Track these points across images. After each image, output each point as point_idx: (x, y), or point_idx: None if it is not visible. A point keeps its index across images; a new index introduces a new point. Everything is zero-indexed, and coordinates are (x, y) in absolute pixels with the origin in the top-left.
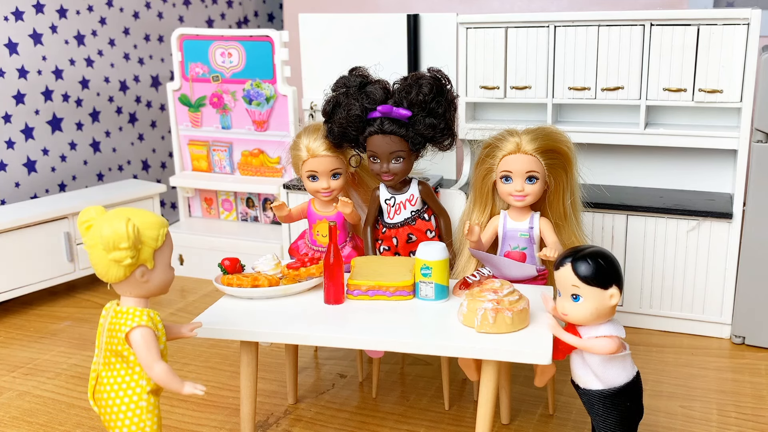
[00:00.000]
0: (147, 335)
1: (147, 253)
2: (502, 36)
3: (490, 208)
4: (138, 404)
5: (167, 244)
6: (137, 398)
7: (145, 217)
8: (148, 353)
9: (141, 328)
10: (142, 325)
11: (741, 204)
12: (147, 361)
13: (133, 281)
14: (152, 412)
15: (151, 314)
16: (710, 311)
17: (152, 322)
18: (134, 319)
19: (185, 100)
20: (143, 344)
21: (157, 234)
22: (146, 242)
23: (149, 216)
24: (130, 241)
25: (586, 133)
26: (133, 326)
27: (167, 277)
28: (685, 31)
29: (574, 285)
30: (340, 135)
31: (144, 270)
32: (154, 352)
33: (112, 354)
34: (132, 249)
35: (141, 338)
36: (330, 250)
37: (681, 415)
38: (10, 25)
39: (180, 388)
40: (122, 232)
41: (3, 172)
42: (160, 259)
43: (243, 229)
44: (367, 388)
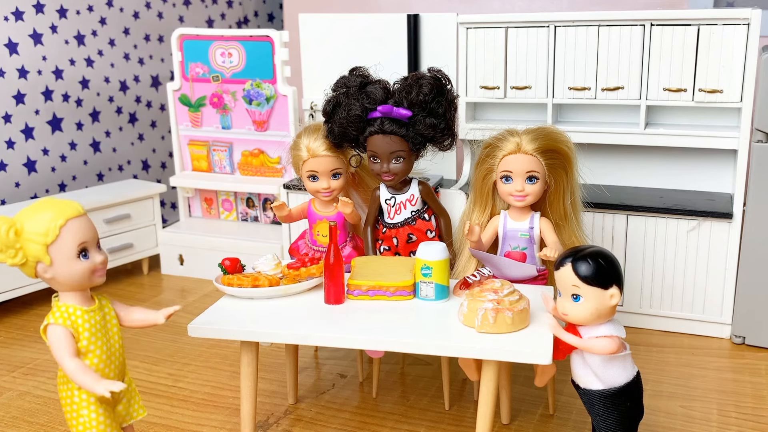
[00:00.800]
0: (54, 332)
1: (36, 249)
2: (502, 36)
3: (491, 208)
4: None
5: (66, 236)
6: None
7: (37, 212)
8: (56, 351)
9: (50, 326)
10: (52, 323)
11: (741, 204)
12: (57, 359)
13: (44, 277)
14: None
15: (70, 311)
16: (710, 311)
17: (67, 320)
18: (50, 316)
19: (185, 100)
20: (52, 342)
21: (46, 229)
22: (31, 239)
23: (43, 209)
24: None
25: (586, 133)
26: (45, 324)
27: (74, 269)
28: (685, 31)
29: (575, 285)
30: (341, 135)
31: (44, 267)
32: (62, 349)
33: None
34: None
35: (50, 336)
36: (330, 250)
37: (681, 415)
38: (10, 25)
39: (93, 386)
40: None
41: (3, 172)
42: (59, 253)
43: (243, 229)
44: (367, 388)
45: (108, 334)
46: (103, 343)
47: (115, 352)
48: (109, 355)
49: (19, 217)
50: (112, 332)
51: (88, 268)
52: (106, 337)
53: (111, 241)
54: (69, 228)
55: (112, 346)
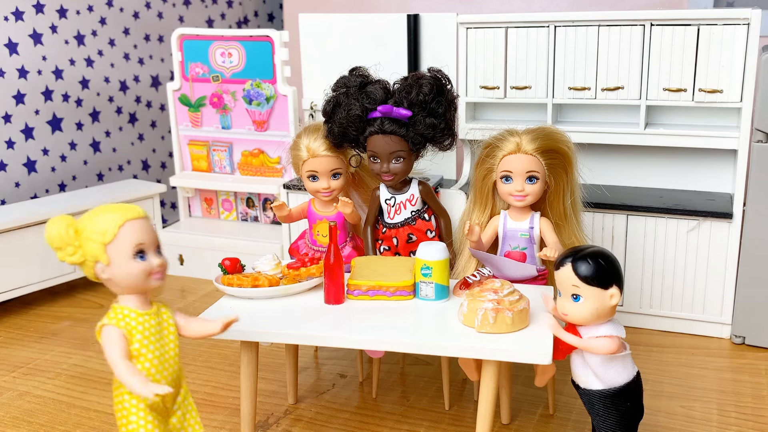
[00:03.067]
0: (107, 333)
1: (94, 248)
2: (502, 36)
3: (491, 208)
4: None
5: (125, 236)
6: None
7: (101, 213)
8: (107, 352)
9: (105, 327)
10: (105, 324)
11: (741, 204)
12: (109, 360)
13: (100, 278)
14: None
15: (125, 312)
16: (710, 311)
17: (121, 321)
18: (104, 318)
19: (185, 100)
20: (104, 343)
21: (105, 228)
22: (90, 237)
23: (106, 210)
24: (57, 241)
25: (586, 133)
26: (100, 324)
27: (131, 270)
28: (685, 31)
29: (575, 285)
30: (341, 135)
31: (102, 266)
32: (113, 351)
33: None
34: (66, 248)
35: (103, 337)
36: (330, 250)
37: (681, 415)
38: (10, 25)
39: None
40: (50, 233)
41: (3, 172)
42: (117, 253)
43: (243, 229)
44: (367, 388)
45: (163, 341)
46: (156, 348)
47: (168, 360)
48: (162, 362)
49: (82, 218)
50: (168, 339)
51: (144, 269)
52: (160, 343)
53: None
54: (127, 228)
55: (166, 353)
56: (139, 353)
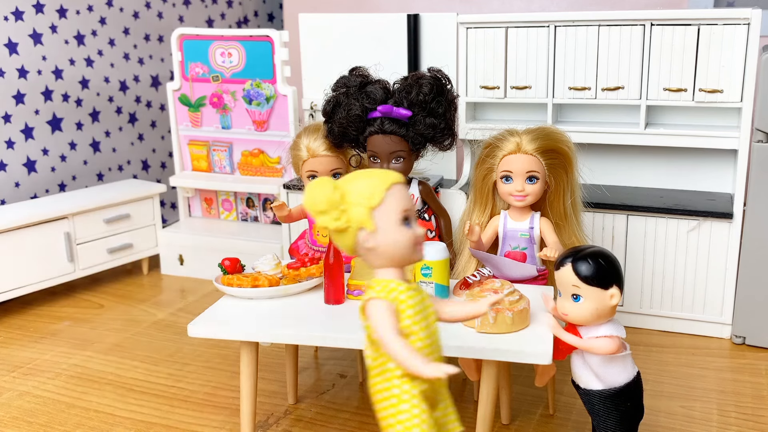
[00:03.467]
0: (378, 307)
1: (360, 213)
2: (502, 36)
3: (491, 208)
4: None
5: (392, 202)
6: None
7: (364, 177)
8: (380, 327)
9: (373, 299)
10: (373, 297)
11: (741, 204)
12: (380, 336)
13: (362, 249)
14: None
15: (392, 285)
16: (710, 311)
17: (386, 293)
18: (369, 291)
19: (185, 100)
20: (374, 317)
21: (371, 192)
22: (355, 201)
23: (371, 174)
24: (323, 203)
25: (586, 133)
26: (366, 299)
27: (399, 237)
28: (685, 31)
29: (575, 285)
30: (341, 135)
31: (365, 234)
32: (386, 325)
33: (370, 343)
34: (331, 211)
35: (372, 311)
36: (330, 250)
37: (681, 416)
38: (10, 25)
39: (420, 370)
40: (317, 195)
41: (3, 172)
42: (384, 218)
43: (243, 229)
44: (367, 389)
45: (428, 320)
46: (425, 326)
47: (436, 341)
48: (432, 342)
49: (341, 182)
50: (431, 319)
51: (412, 236)
52: (427, 322)
53: (111, 241)
54: (393, 192)
55: (433, 333)
56: (410, 331)
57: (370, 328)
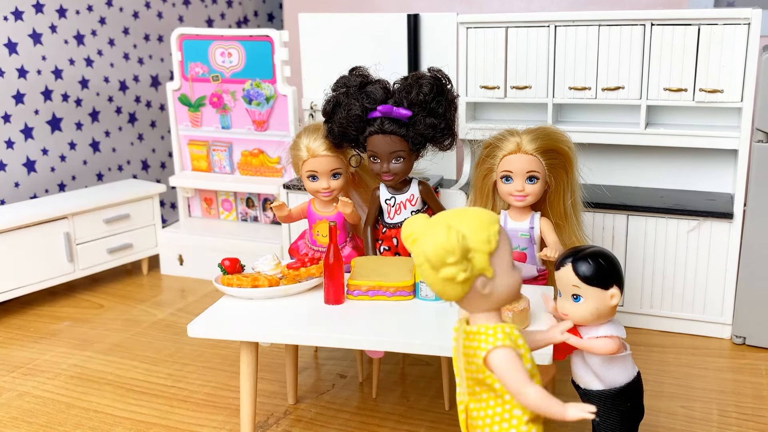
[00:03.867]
0: (508, 357)
1: (481, 260)
2: (502, 36)
3: (491, 208)
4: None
5: (503, 242)
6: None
7: (470, 218)
8: (514, 377)
9: (498, 349)
10: (499, 346)
11: (741, 204)
12: (515, 387)
13: (476, 295)
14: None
15: (506, 330)
16: (711, 311)
17: (510, 339)
18: (488, 339)
19: (185, 100)
20: (506, 368)
21: (488, 235)
22: (477, 248)
23: (475, 215)
24: (457, 254)
25: (586, 133)
26: (489, 349)
27: (512, 280)
28: (685, 31)
29: (575, 285)
30: (341, 135)
31: (484, 280)
32: (520, 375)
33: (475, 383)
34: (462, 261)
35: (502, 362)
36: (330, 250)
37: (681, 416)
38: (10, 25)
39: (562, 412)
40: (447, 245)
41: (3, 172)
42: (500, 263)
43: (243, 229)
44: (367, 389)
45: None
46: (534, 363)
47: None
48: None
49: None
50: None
51: (520, 278)
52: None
53: (111, 241)
54: (503, 234)
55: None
56: (533, 373)
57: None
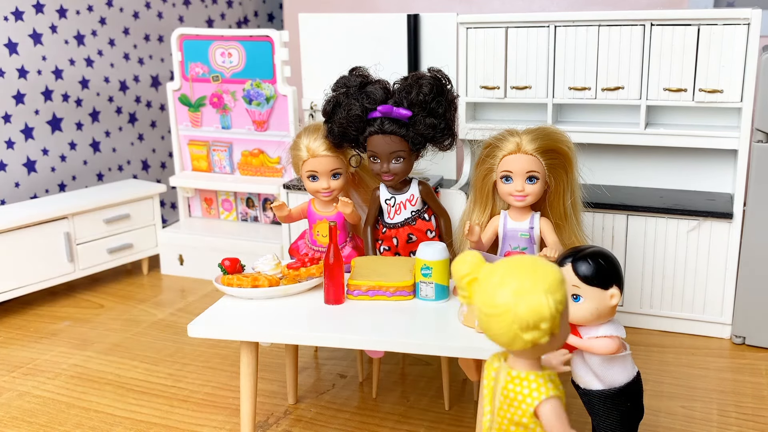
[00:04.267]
0: (558, 407)
1: (558, 320)
2: (502, 36)
3: (491, 208)
4: None
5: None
6: None
7: (550, 277)
8: (562, 427)
9: (550, 400)
10: (552, 397)
11: (741, 204)
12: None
13: (537, 348)
14: None
15: (552, 377)
16: (710, 311)
17: (557, 388)
18: (540, 389)
19: (185, 100)
20: (556, 418)
21: (563, 293)
22: (559, 309)
23: (550, 272)
24: (553, 321)
25: (586, 133)
26: (542, 399)
27: (567, 332)
28: (685, 31)
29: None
30: (341, 135)
31: (551, 338)
32: (566, 424)
33: (511, 423)
34: (552, 325)
35: (553, 412)
36: (330, 250)
37: (681, 416)
38: (10, 25)
39: None
40: (545, 312)
41: (3, 172)
42: (563, 320)
43: (243, 229)
44: (367, 389)
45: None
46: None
47: None
48: None
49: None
50: None
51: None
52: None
53: (111, 241)
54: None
55: None
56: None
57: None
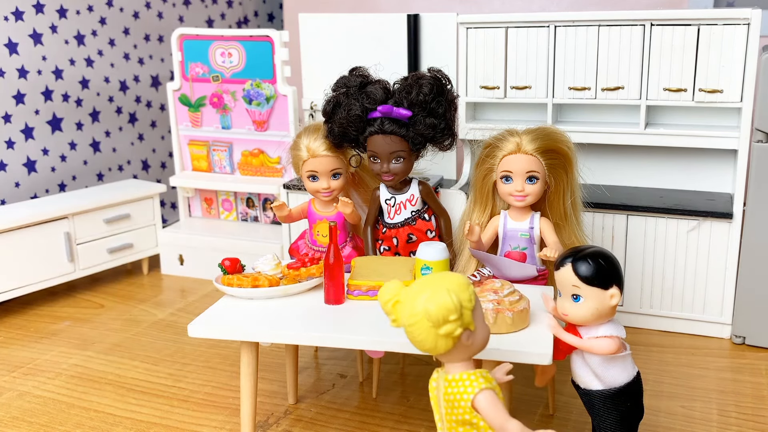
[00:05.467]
0: (492, 397)
1: (468, 316)
2: (502, 36)
3: (491, 208)
4: None
5: (479, 301)
6: None
7: (452, 281)
8: (498, 414)
9: (483, 392)
10: (483, 389)
11: (741, 204)
12: (498, 422)
13: (460, 348)
14: None
15: (483, 374)
16: (710, 311)
17: (488, 381)
18: (473, 384)
19: (185, 100)
20: (491, 407)
21: (469, 294)
22: (465, 305)
23: (455, 278)
24: (457, 311)
25: (586, 133)
26: (475, 392)
27: (486, 333)
28: (685, 31)
29: (575, 285)
30: (341, 135)
31: (468, 333)
32: (502, 411)
33: (459, 424)
34: (459, 319)
35: (487, 402)
36: (330, 250)
37: (681, 416)
38: (10, 25)
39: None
40: (450, 305)
41: (3, 172)
42: (478, 317)
43: (243, 229)
44: (367, 389)
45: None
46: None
47: None
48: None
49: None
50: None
51: (489, 331)
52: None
53: (111, 241)
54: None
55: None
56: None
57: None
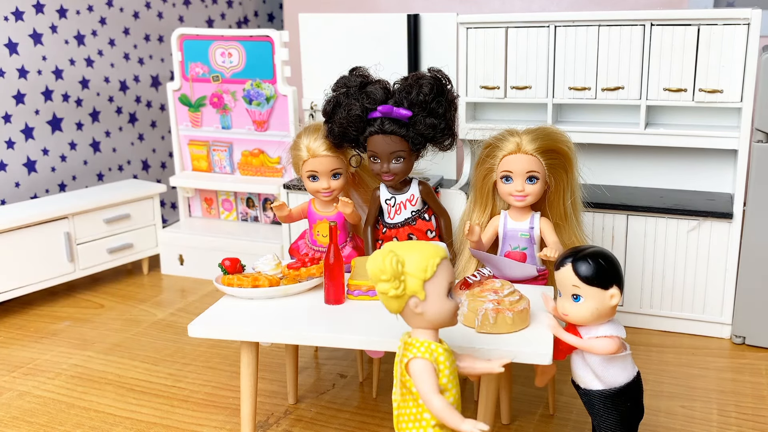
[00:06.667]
0: (424, 367)
1: (415, 284)
2: (502, 36)
3: (491, 208)
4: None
5: (441, 274)
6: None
7: (414, 249)
8: (424, 385)
9: (418, 359)
10: (418, 357)
11: (741, 204)
12: (423, 393)
13: (410, 312)
14: None
15: (432, 347)
16: (710, 311)
17: (432, 355)
18: (412, 350)
19: (185, 100)
20: (419, 376)
21: (426, 265)
22: (412, 273)
23: (421, 247)
24: (388, 273)
25: (586, 133)
26: (410, 357)
27: (444, 307)
28: (685, 31)
29: (575, 285)
30: (341, 135)
31: (416, 301)
32: (429, 385)
33: (401, 385)
34: (393, 281)
35: (419, 370)
36: (330, 250)
37: (681, 416)
38: (10, 25)
39: (459, 425)
40: (380, 266)
41: (3, 172)
42: (433, 290)
43: (243, 229)
44: (367, 389)
45: (457, 378)
46: (456, 384)
47: (459, 394)
48: (458, 397)
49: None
50: (456, 375)
51: (454, 307)
52: (456, 379)
53: (111, 241)
54: (443, 267)
55: (458, 389)
56: (446, 387)
57: (409, 381)
